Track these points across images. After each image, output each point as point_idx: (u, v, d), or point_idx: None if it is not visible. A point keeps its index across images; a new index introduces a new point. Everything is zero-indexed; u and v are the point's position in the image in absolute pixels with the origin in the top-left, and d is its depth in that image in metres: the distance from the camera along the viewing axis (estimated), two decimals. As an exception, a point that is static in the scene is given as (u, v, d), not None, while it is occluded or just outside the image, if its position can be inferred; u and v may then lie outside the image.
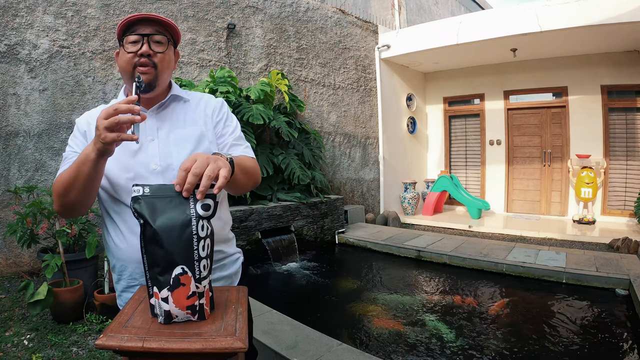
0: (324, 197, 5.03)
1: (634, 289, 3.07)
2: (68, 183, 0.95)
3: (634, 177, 6.01)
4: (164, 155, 1.06)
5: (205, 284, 0.83)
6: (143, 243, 0.81)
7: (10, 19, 3.49)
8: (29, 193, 3.09)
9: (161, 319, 0.82)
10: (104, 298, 2.72)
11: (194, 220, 0.80)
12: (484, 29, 5.55)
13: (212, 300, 0.87)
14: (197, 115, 1.15)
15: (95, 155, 0.88)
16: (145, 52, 1.04)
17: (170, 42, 1.09)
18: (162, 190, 0.82)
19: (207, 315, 0.84)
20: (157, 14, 1.06)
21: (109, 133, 0.84)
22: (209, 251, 0.84)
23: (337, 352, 2.03)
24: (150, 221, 0.79)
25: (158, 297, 0.81)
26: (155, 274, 0.81)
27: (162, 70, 1.08)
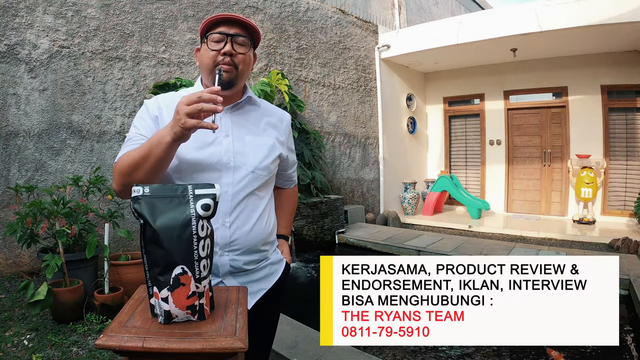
0: (324, 197, 5.03)
1: (634, 289, 3.07)
2: (137, 163, 0.95)
3: (634, 177, 6.01)
4: (239, 154, 1.10)
5: (205, 284, 0.84)
6: (143, 243, 0.81)
7: (10, 19, 3.49)
8: (29, 193, 3.09)
9: (161, 319, 0.82)
10: (104, 298, 2.72)
11: (194, 220, 0.80)
12: (484, 29, 5.55)
13: (212, 300, 0.87)
14: (272, 126, 1.21)
15: (171, 138, 0.89)
16: (229, 51, 1.07)
17: (251, 44, 1.12)
18: (162, 190, 0.83)
19: (207, 315, 0.85)
20: (242, 16, 1.09)
21: (190, 119, 0.86)
22: (209, 251, 0.84)
23: (337, 352, 2.03)
24: (150, 221, 0.79)
25: (158, 297, 0.81)
26: (155, 274, 0.81)
27: (242, 71, 1.11)
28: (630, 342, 2.55)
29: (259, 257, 1.16)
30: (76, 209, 2.87)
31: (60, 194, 3.19)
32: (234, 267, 1.10)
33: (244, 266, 1.12)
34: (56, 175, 3.71)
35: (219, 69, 1.03)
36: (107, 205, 3.64)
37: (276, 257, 1.24)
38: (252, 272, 1.15)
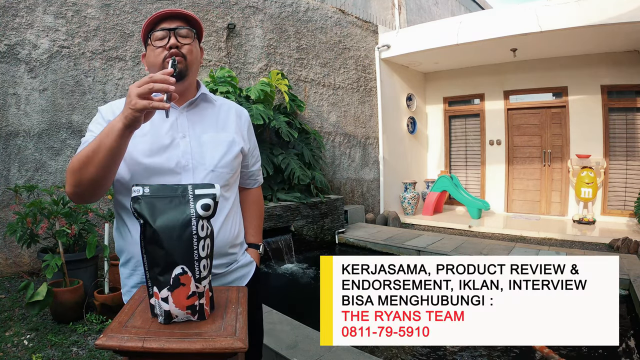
0: (324, 197, 5.03)
1: (634, 289, 3.07)
2: (87, 157, 0.90)
3: (634, 177, 6.01)
4: (197, 154, 1.07)
5: (205, 284, 0.84)
6: (143, 243, 0.81)
7: (10, 19, 3.49)
8: (29, 193, 3.09)
9: (161, 319, 0.82)
10: (104, 298, 2.72)
11: (194, 220, 0.80)
12: (484, 29, 5.55)
13: (212, 300, 0.87)
14: (229, 122, 1.18)
15: (122, 125, 0.85)
16: (174, 44, 1.05)
17: (195, 35, 1.10)
18: (162, 190, 0.83)
19: (207, 315, 0.84)
20: (179, 9, 1.08)
21: (141, 100, 0.83)
22: (208, 251, 0.84)
23: (337, 352, 2.03)
24: (150, 221, 0.79)
25: (158, 297, 0.81)
26: (155, 274, 0.81)
27: (192, 61, 1.09)
28: (630, 342, 2.55)
29: (228, 260, 1.14)
30: (76, 209, 2.87)
31: (60, 194, 3.19)
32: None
33: (213, 270, 1.08)
34: (56, 175, 3.71)
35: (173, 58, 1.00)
36: (107, 205, 3.64)
37: (245, 260, 1.22)
38: (223, 276, 1.12)
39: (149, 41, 1.08)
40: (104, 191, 0.99)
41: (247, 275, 1.21)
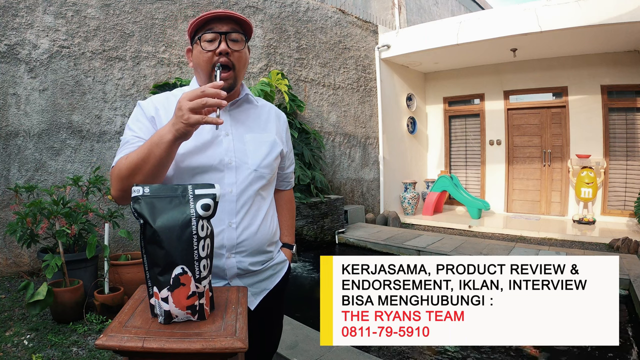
0: (324, 197, 5.03)
1: (634, 289, 3.07)
2: (136, 165, 0.91)
3: (634, 177, 6.01)
4: (240, 152, 1.07)
5: (205, 284, 0.83)
6: (143, 243, 0.81)
7: (10, 19, 3.49)
8: (29, 193, 3.09)
9: (161, 319, 0.82)
10: (104, 298, 2.72)
11: (194, 220, 0.80)
12: (484, 29, 5.55)
13: (212, 301, 0.87)
14: (270, 124, 1.19)
15: (173, 136, 0.86)
16: (224, 50, 1.03)
17: (245, 39, 1.09)
18: (162, 190, 0.82)
19: (207, 315, 0.84)
20: (232, 11, 1.06)
21: (193, 115, 0.83)
22: (209, 251, 0.84)
23: (337, 352, 2.03)
24: (150, 221, 0.79)
25: (158, 297, 0.81)
26: (155, 274, 0.81)
27: (240, 69, 1.08)
28: (630, 342, 2.55)
29: (265, 258, 1.15)
30: (76, 209, 2.87)
31: (60, 194, 3.19)
32: (241, 269, 1.09)
33: (250, 267, 1.11)
34: (56, 175, 3.71)
35: (218, 65, 1.01)
36: (107, 205, 3.64)
37: (280, 258, 1.24)
38: (258, 273, 1.14)
39: (198, 41, 1.05)
40: None
41: (280, 273, 1.23)
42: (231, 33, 1.05)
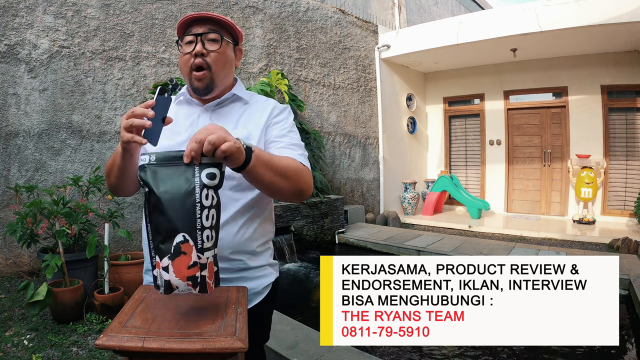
0: (324, 197, 5.03)
1: (634, 289, 3.07)
2: (108, 168, 1.05)
3: (634, 177, 6.01)
4: None
5: (209, 255, 0.81)
6: (147, 212, 0.80)
7: (10, 19, 3.49)
8: (29, 193, 3.09)
9: (162, 290, 0.80)
10: (104, 298, 2.72)
11: (198, 189, 0.79)
12: (484, 29, 5.55)
13: (217, 275, 0.85)
14: (252, 118, 1.13)
15: (121, 149, 0.94)
16: (199, 51, 1.04)
17: (224, 39, 1.08)
18: (168, 158, 0.82)
19: (210, 290, 0.82)
20: (212, 13, 1.06)
21: (126, 133, 0.87)
22: (213, 222, 0.82)
23: (337, 352, 2.04)
24: (154, 188, 0.79)
25: (159, 267, 0.80)
26: (158, 242, 0.80)
27: (217, 70, 1.07)
28: (630, 342, 2.55)
29: (230, 266, 1.06)
30: (76, 209, 2.87)
31: (60, 194, 3.19)
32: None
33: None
34: (56, 175, 3.71)
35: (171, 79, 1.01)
36: (107, 205, 3.64)
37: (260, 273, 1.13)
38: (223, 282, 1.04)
39: (180, 44, 1.08)
40: (131, 191, 1.09)
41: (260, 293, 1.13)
42: (208, 34, 1.05)
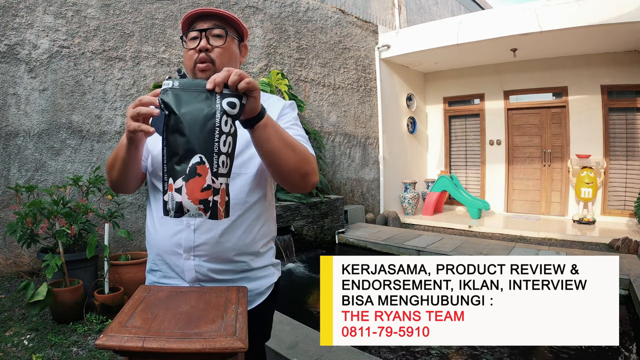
0: (324, 197, 5.03)
1: (634, 289, 3.07)
2: (111, 163, 1.02)
3: (634, 177, 6.01)
4: None
5: (223, 181, 0.82)
6: (165, 134, 0.80)
7: (10, 19, 3.49)
8: (29, 193, 3.09)
9: (172, 213, 0.80)
10: (104, 298, 2.72)
11: (219, 114, 0.80)
12: (484, 29, 5.55)
13: (227, 205, 0.85)
14: None
15: (127, 141, 0.91)
16: (203, 47, 1.04)
17: (229, 35, 1.08)
18: (191, 85, 0.82)
19: (221, 216, 0.82)
20: (217, 9, 1.06)
21: (132, 122, 0.86)
22: (229, 149, 0.82)
23: (337, 352, 2.04)
24: (175, 109, 0.79)
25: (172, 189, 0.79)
26: (173, 164, 0.80)
27: (221, 64, 1.07)
28: (630, 342, 2.55)
29: (233, 268, 1.06)
30: (76, 209, 2.87)
31: (60, 194, 3.19)
32: (201, 273, 1.03)
33: (212, 274, 1.03)
34: (56, 175, 3.71)
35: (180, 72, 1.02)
36: (107, 205, 3.64)
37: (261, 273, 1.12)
38: (227, 283, 1.05)
39: (185, 41, 1.09)
40: (134, 186, 1.07)
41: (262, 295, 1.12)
42: (212, 29, 1.05)
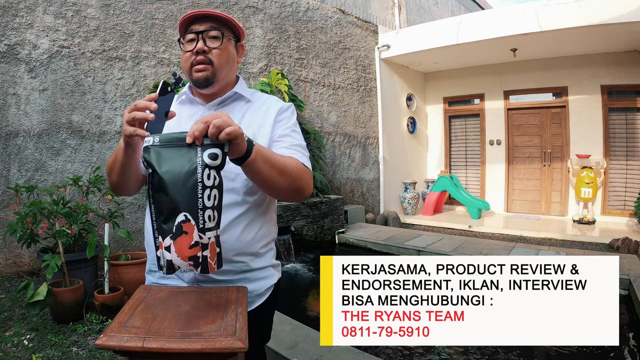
0: (324, 197, 5.03)
1: (634, 289, 3.07)
2: (110, 165, 1.02)
3: (634, 177, 6.01)
4: None
5: (211, 236, 0.82)
6: (151, 192, 0.81)
7: (10, 19, 3.49)
8: (29, 193, 3.09)
9: (164, 271, 0.81)
10: (104, 298, 2.72)
11: (200, 168, 0.80)
12: (484, 29, 5.55)
13: (219, 257, 0.85)
14: (256, 118, 1.12)
15: (124, 144, 0.92)
16: (200, 49, 1.05)
17: (226, 36, 1.08)
18: (171, 139, 0.82)
19: (212, 270, 0.83)
20: (213, 10, 1.06)
21: (128, 127, 0.86)
22: (215, 202, 0.82)
23: (337, 352, 2.04)
24: (157, 168, 0.80)
25: (162, 247, 0.80)
26: (160, 222, 0.81)
27: (220, 65, 1.08)
28: (630, 342, 2.55)
29: (232, 268, 1.06)
30: (76, 209, 2.87)
31: (60, 194, 3.19)
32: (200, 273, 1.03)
33: (212, 275, 1.02)
34: (56, 175, 3.71)
35: (174, 73, 1.03)
36: (107, 205, 3.64)
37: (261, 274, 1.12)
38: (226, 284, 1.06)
39: (182, 43, 1.09)
40: (133, 188, 1.07)
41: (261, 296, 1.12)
42: (209, 31, 1.06)
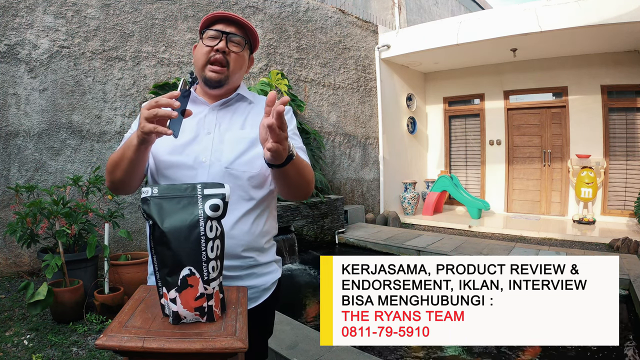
0: (324, 197, 5.03)
1: (634, 289, 3.07)
2: (115, 162, 1.00)
3: (634, 177, 6.01)
4: (217, 151, 1.07)
5: (215, 285, 0.83)
6: (152, 244, 0.81)
7: (10, 19, 3.49)
8: (29, 193, 3.09)
9: (171, 320, 0.82)
10: (104, 298, 2.72)
11: (202, 221, 0.80)
12: (484, 29, 5.55)
13: (222, 302, 0.86)
14: (259, 118, 1.11)
15: (137, 141, 0.91)
16: (222, 48, 1.07)
17: (247, 44, 1.12)
18: (170, 190, 0.82)
19: (217, 317, 0.84)
20: (242, 17, 1.09)
21: (147, 123, 0.86)
22: (218, 252, 0.83)
23: (337, 352, 2.04)
24: (158, 223, 0.79)
25: (167, 298, 0.81)
26: (164, 274, 0.81)
27: (234, 70, 1.10)
28: (630, 342, 2.55)
29: (240, 264, 1.08)
30: (76, 209, 2.87)
31: (60, 194, 3.19)
32: None
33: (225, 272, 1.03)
34: (56, 175, 3.71)
35: (191, 72, 1.05)
36: (107, 205, 3.64)
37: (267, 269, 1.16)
38: (234, 279, 1.07)
39: (202, 36, 1.11)
40: (135, 187, 1.06)
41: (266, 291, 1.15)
42: (234, 35, 1.09)
